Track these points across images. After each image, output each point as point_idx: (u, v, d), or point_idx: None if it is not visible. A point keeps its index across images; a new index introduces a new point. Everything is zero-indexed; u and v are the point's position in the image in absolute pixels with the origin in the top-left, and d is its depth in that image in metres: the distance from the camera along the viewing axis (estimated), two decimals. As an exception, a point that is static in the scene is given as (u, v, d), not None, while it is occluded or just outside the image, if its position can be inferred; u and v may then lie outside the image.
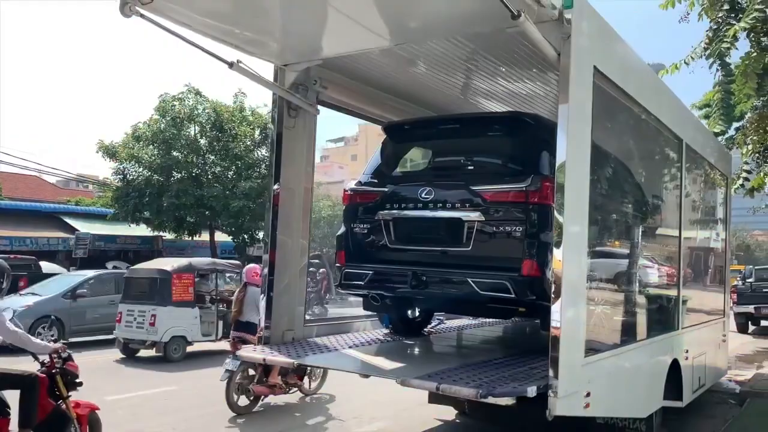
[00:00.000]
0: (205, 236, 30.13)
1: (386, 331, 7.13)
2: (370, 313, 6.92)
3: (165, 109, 27.74)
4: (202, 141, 28.38)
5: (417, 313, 7.23)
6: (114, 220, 29.01)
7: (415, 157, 6.38)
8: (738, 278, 18.38)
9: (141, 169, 27.57)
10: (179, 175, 27.59)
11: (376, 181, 6.02)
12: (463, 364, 5.44)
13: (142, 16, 4.53)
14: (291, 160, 6.06)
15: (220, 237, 30.86)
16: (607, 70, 5.02)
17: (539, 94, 6.90)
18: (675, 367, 7.14)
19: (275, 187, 5.97)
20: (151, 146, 27.29)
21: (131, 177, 27.70)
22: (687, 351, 7.60)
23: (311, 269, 24.42)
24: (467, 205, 5.34)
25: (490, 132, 5.94)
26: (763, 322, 20.78)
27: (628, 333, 6.10)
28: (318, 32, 5.43)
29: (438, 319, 7.84)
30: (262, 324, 5.88)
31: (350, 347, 6.13)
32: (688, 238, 7.99)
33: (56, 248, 29.73)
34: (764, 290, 20.06)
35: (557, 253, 4.40)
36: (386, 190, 5.82)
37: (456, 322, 8.34)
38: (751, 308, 19.96)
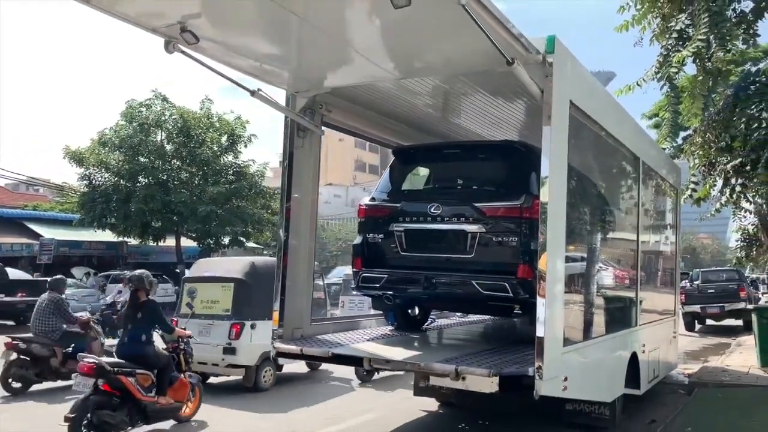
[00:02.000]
0: (170, 241, 30.26)
1: (391, 327, 7.95)
2: (367, 312, 7.70)
3: (132, 115, 27.86)
4: (169, 147, 28.56)
5: (417, 312, 8.15)
6: (80, 226, 28.92)
7: (422, 177, 7.30)
8: (686, 280, 19.72)
9: (108, 175, 27.61)
10: (146, 181, 27.72)
11: (387, 197, 6.91)
12: (468, 352, 6.32)
13: (183, 52, 5.19)
14: (299, 175, 6.77)
15: (185, 242, 31.02)
16: (580, 102, 5.91)
17: (522, 119, 7.77)
18: (634, 359, 8.08)
19: (287, 202, 6.66)
20: (117, 152, 27.36)
21: (97, 182, 27.70)
22: (644, 345, 8.55)
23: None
24: (470, 218, 6.25)
25: (487, 157, 6.92)
26: (709, 321, 22.23)
27: (597, 328, 7.01)
28: (329, 65, 6.16)
29: (432, 317, 8.68)
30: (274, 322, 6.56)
31: (367, 340, 6.94)
32: (644, 244, 8.99)
33: (19, 254, 29.48)
34: (710, 291, 21.50)
35: (541, 259, 5.24)
36: (398, 205, 6.70)
37: (446, 321, 9.29)
38: (697, 308, 21.38)
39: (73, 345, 9.92)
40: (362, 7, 4.66)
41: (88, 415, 6.61)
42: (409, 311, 8.08)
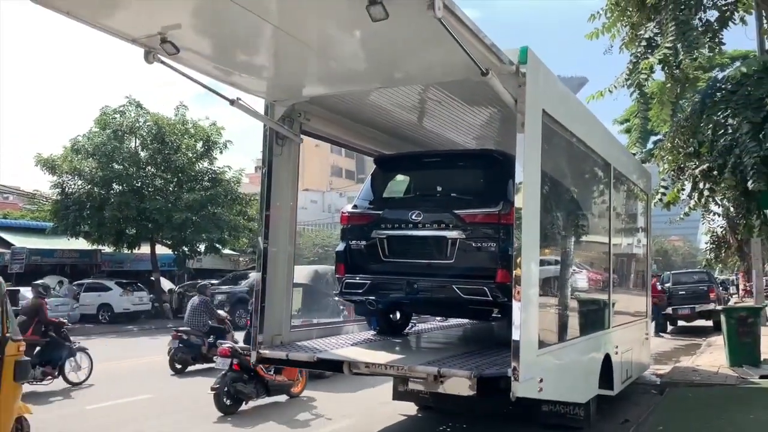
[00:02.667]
0: (145, 249, 29.98)
1: (373, 332, 8.06)
2: (345, 319, 7.79)
3: (106, 121, 27.60)
4: (144, 153, 28.33)
5: (399, 317, 8.29)
6: (53, 234, 28.52)
7: (403, 185, 7.41)
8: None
9: (81, 182, 27.30)
10: (120, 188, 27.46)
11: (369, 205, 7.05)
12: (450, 355, 6.51)
13: (162, 62, 5.25)
14: (279, 183, 6.85)
15: (160, 250, 30.75)
16: (552, 111, 6.09)
17: (498, 127, 7.94)
18: (607, 360, 8.28)
19: (267, 210, 6.73)
20: (90, 159, 27.07)
21: (70, 190, 27.37)
22: (617, 347, 8.77)
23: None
24: (450, 225, 6.40)
25: (466, 165, 7.16)
26: (680, 322, 22.68)
27: (571, 330, 7.19)
28: (307, 75, 6.25)
29: (412, 322, 8.81)
30: (256, 330, 6.61)
31: (350, 345, 7.05)
32: (616, 247, 9.22)
33: (-11, 263, 28.92)
34: (680, 293, 21.96)
35: (516, 264, 5.38)
36: (380, 212, 6.85)
37: (426, 325, 9.45)
38: (669, 310, 21.84)
39: (215, 336, 12.79)
40: (341, 20, 4.76)
41: (226, 387, 8.94)
42: (391, 316, 8.20)
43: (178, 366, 13.02)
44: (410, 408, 8.97)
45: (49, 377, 11.26)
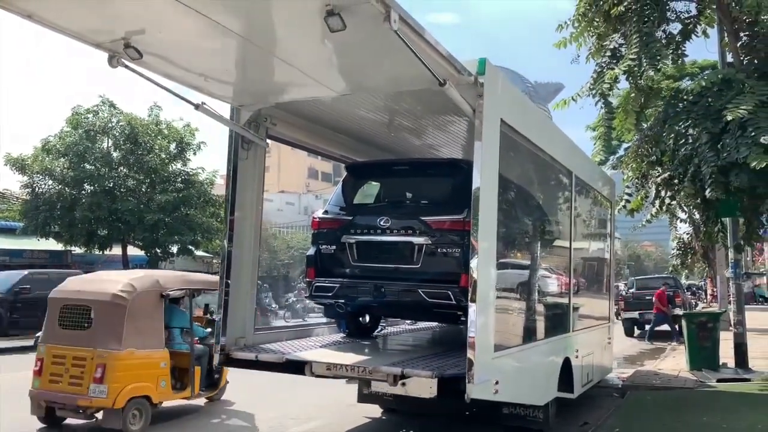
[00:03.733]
0: (116, 250, 29.68)
1: (342, 335, 8.20)
2: (308, 321, 7.88)
3: (78, 121, 27.32)
4: (116, 154, 28.07)
5: (368, 320, 8.48)
6: (22, 234, 28.11)
7: (373, 192, 7.61)
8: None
9: (52, 182, 26.97)
10: (92, 188, 27.18)
11: (340, 210, 7.23)
12: (415, 356, 6.72)
13: (126, 67, 5.31)
14: (244, 187, 6.92)
15: (133, 251, 30.47)
16: (510, 120, 6.26)
17: (464, 135, 8.09)
18: (567, 364, 8.47)
19: (232, 214, 6.80)
20: (62, 159, 26.76)
21: (41, 190, 27.03)
22: (577, 351, 8.97)
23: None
24: (417, 231, 6.59)
25: (434, 173, 7.38)
26: (647, 326, 23.09)
27: (528, 334, 7.36)
28: (272, 81, 6.33)
29: (382, 325, 8.96)
30: (219, 332, 6.67)
31: (320, 347, 7.19)
32: (578, 253, 9.43)
33: (-43, 264, 28.43)
34: (647, 298, 22.37)
35: (472, 268, 5.53)
36: (350, 218, 7.03)
37: (396, 328, 9.62)
38: (636, 314, 22.26)
39: None
40: (301, 30, 4.86)
41: None
42: (360, 319, 8.36)
43: None
44: (375, 410, 9.09)
45: None
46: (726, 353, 12.73)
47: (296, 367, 6.32)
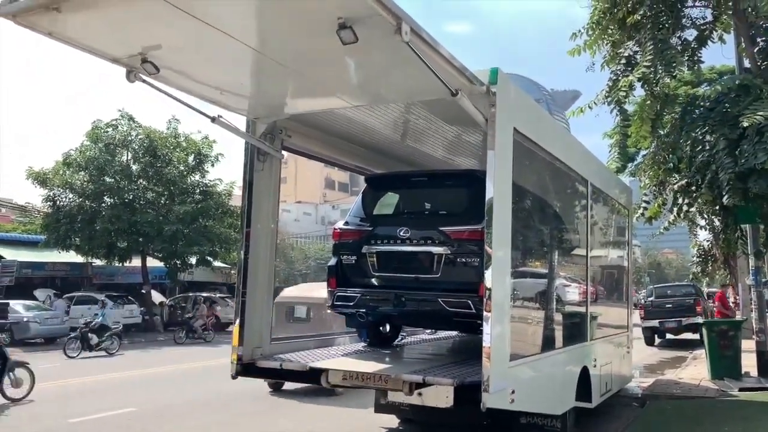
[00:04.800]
0: (136, 262, 30.01)
1: (363, 344, 8.23)
2: (326, 332, 7.91)
3: (98, 135, 27.73)
4: (135, 167, 28.46)
5: (388, 329, 8.50)
6: (44, 247, 28.54)
7: (393, 203, 7.65)
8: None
9: (72, 196, 27.37)
10: (111, 201, 27.54)
11: (360, 221, 7.30)
12: (436, 365, 6.69)
13: (143, 81, 5.40)
14: (260, 198, 6.98)
15: (153, 262, 30.78)
16: (524, 129, 6.26)
17: (479, 144, 8.11)
18: (585, 373, 8.40)
19: (248, 226, 6.87)
20: (82, 172, 27.17)
21: (62, 203, 27.43)
22: (595, 360, 8.90)
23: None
24: (436, 241, 6.64)
25: (452, 184, 7.41)
26: (668, 335, 22.84)
27: (545, 343, 7.31)
28: (287, 94, 6.41)
29: (402, 334, 8.98)
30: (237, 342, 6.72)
31: (341, 356, 7.22)
32: (594, 261, 9.38)
33: (-21, 276, 28.88)
34: (667, 306, 22.13)
35: (487, 277, 5.53)
36: (370, 228, 7.09)
37: (416, 337, 9.61)
38: (656, 323, 22.01)
39: None
40: (315, 43, 4.91)
41: None
42: (381, 328, 8.39)
43: None
44: (391, 421, 9.07)
45: None
46: (748, 362, 12.55)
47: (315, 376, 6.35)
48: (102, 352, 19.84)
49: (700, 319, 20.88)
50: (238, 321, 6.73)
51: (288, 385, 11.42)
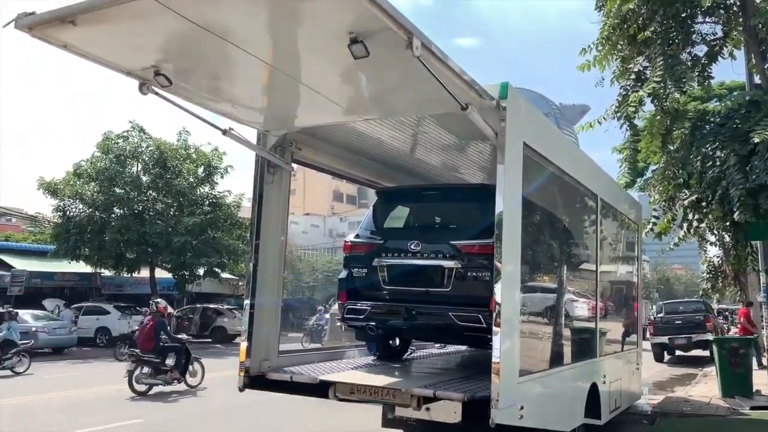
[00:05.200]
0: (144, 273, 30.10)
1: (373, 357, 8.20)
2: (333, 345, 7.88)
3: (108, 146, 27.94)
4: (145, 178, 28.63)
5: (398, 343, 8.48)
6: (53, 257, 28.68)
7: (403, 216, 7.65)
8: (652, 312, 20.20)
9: (82, 206, 27.54)
10: (121, 212, 27.69)
11: (371, 234, 7.31)
12: (445, 379, 6.67)
13: (156, 94, 5.45)
14: (269, 211, 7.00)
15: (161, 273, 30.87)
16: (533, 143, 6.26)
17: (488, 158, 8.13)
18: (594, 389, 8.33)
19: (257, 238, 6.88)
20: (92, 183, 27.36)
21: (72, 214, 27.60)
22: (604, 376, 8.82)
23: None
24: (447, 255, 6.62)
25: (463, 198, 7.41)
26: (678, 352, 22.64)
27: (554, 359, 7.26)
28: (298, 107, 6.44)
29: (411, 348, 8.97)
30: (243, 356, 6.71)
31: (351, 369, 7.19)
32: (604, 276, 9.32)
33: (-11, 285, 29.04)
34: (677, 322, 21.97)
35: (496, 292, 5.51)
36: (381, 241, 7.09)
37: (425, 351, 9.56)
38: (665, 339, 21.84)
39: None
40: (326, 57, 4.95)
41: None
42: (390, 342, 8.37)
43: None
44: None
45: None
46: (760, 380, 12.42)
47: (324, 389, 6.32)
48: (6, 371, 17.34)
49: (710, 336, 20.76)
50: (245, 333, 6.73)
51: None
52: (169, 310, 32.15)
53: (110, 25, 4.41)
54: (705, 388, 14.04)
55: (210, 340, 29.02)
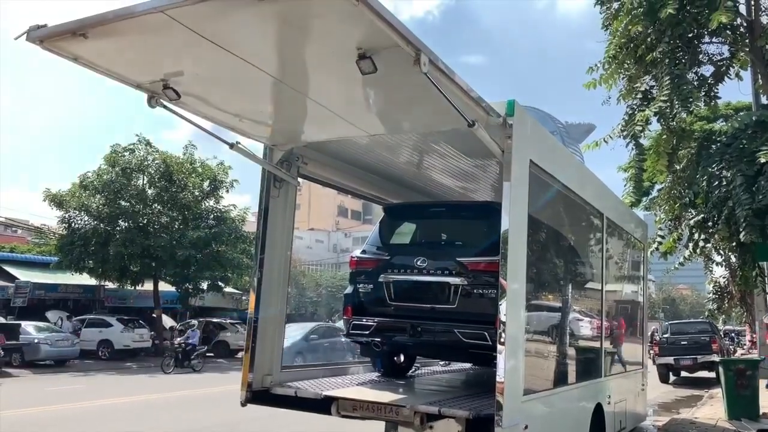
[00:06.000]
0: (148, 285, 30.08)
1: (378, 374, 8.15)
2: (334, 361, 7.84)
3: (115, 159, 28.06)
4: (151, 191, 28.71)
5: (402, 359, 8.43)
6: (57, 269, 28.71)
7: (410, 232, 7.69)
8: (656, 332, 20.06)
9: (87, 218, 27.60)
10: (126, 225, 27.73)
11: (377, 250, 7.31)
12: (452, 396, 6.66)
13: (164, 107, 5.47)
14: (274, 225, 7.00)
15: (165, 287, 30.84)
16: (540, 161, 6.26)
17: (495, 176, 8.13)
18: (599, 410, 8.25)
19: (262, 253, 6.88)
20: (98, 196, 27.44)
21: (77, 225, 27.65)
22: (609, 396, 8.74)
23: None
24: (453, 272, 6.63)
25: (470, 215, 7.45)
26: (683, 373, 22.42)
27: (559, 378, 7.21)
28: (305, 122, 6.46)
29: (416, 365, 8.91)
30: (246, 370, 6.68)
31: (356, 385, 7.16)
32: (610, 295, 9.27)
33: (-7, 297, 29.07)
34: (682, 343, 21.79)
35: (501, 310, 5.48)
36: (387, 257, 7.09)
37: (430, 369, 9.50)
38: (671, 360, 21.65)
39: None
40: (334, 72, 4.97)
41: None
42: (395, 358, 8.33)
43: None
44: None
45: None
46: (767, 402, 12.28)
47: (326, 405, 6.28)
48: None
49: (716, 357, 20.58)
50: (249, 348, 6.70)
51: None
52: (171, 323, 32.28)
53: (121, 39, 4.45)
54: (711, 410, 13.87)
55: (212, 354, 28.90)
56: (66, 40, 4.38)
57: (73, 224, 27.72)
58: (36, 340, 22.74)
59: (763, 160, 9.34)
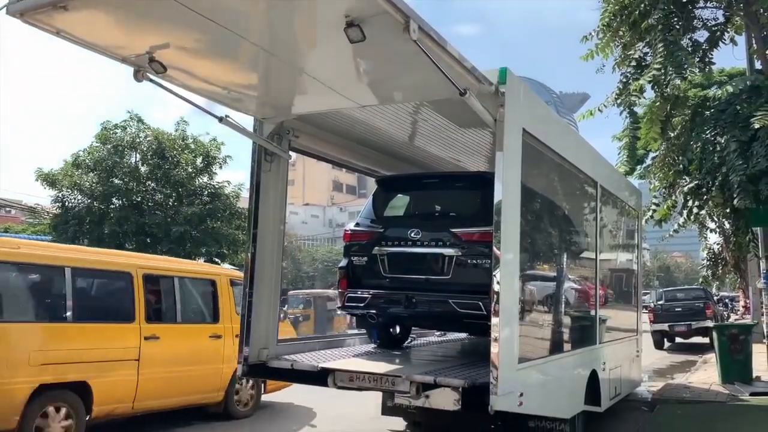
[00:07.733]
0: (144, 263, 30.02)
1: (374, 345, 8.22)
2: (330, 333, 7.85)
3: (107, 136, 27.81)
4: (144, 168, 28.51)
5: (398, 331, 8.49)
6: (52, 248, 28.61)
7: (403, 204, 7.70)
8: (651, 299, 20.24)
9: (81, 197, 27.46)
10: (120, 203, 27.62)
11: (371, 222, 7.32)
12: (447, 366, 6.68)
13: (151, 80, 5.39)
14: (267, 199, 6.95)
15: (160, 264, 30.77)
16: (533, 129, 6.21)
17: (488, 146, 8.08)
18: (594, 377, 8.32)
19: (255, 228, 6.86)
20: (91, 174, 27.26)
21: (70, 204, 27.52)
22: (604, 363, 8.82)
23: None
24: (447, 243, 6.63)
25: (463, 186, 7.46)
26: (678, 339, 22.67)
27: (553, 346, 7.26)
28: (295, 94, 6.40)
29: (412, 336, 8.98)
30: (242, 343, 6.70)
31: (352, 357, 7.21)
32: (604, 263, 9.30)
33: (-12, 277, 29.00)
34: (676, 309, 22.01)
35: (495, 279, 5.48)
36: (381, 230, 7.10)
37: (425, 339, 9.59)
38: (665, 326, 21.88)
39: None
40: (322, 42, 4.90)
41: None
42: (391, 330, 8.37)
43: None
44: (399, 423, 9.01)
45: None
46: (759, 366, 12.42)
47: (323, 377, 6.31)
48: None
49: (710, 323, 20.78)
50: (244, 322, 6.71)
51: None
52: None
53: (103, 10, 4.37)
54: (705, 374, 14.05)
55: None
56: (46, 14, 4.28)
57: (66, 203, 27.57)
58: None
59: (757, 126, 9.31)
